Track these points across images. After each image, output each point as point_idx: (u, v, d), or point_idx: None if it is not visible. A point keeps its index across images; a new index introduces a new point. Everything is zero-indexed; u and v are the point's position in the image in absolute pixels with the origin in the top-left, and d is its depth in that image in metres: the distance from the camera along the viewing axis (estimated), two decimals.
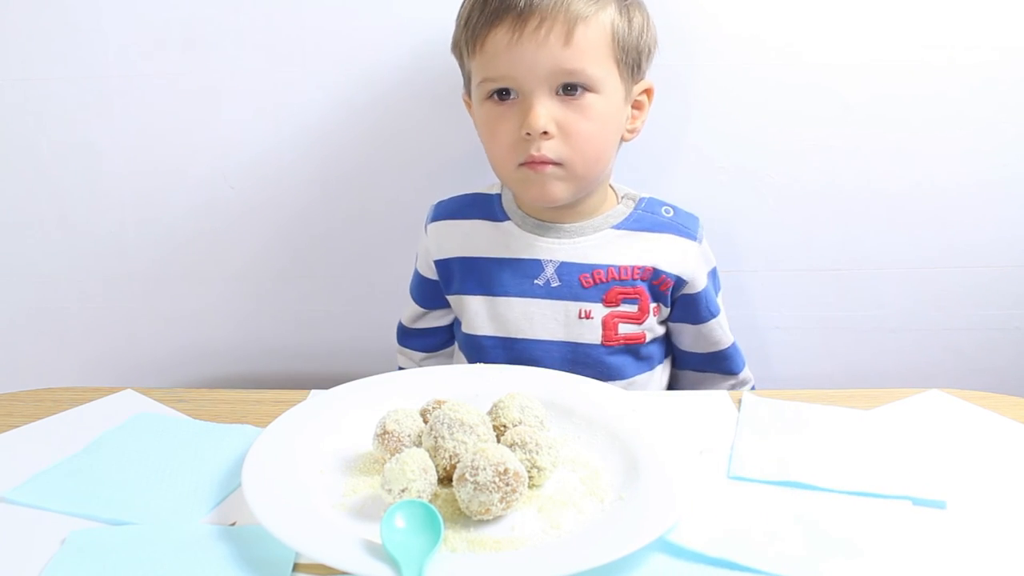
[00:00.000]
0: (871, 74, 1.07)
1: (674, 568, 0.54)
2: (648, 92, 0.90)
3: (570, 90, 0.81)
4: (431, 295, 1.02)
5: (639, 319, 0.91)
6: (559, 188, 0.86)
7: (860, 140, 1.10)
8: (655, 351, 0.95)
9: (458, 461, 0.61)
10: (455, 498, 0.60)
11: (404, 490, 0.59)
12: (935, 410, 0.77)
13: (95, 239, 1.21)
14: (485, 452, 0.59)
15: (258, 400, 0.81)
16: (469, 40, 0.83)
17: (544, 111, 0.81)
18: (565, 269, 0.90)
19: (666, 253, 0.90)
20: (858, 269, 1.18)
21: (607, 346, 0.90)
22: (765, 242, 1.16)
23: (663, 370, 0.98)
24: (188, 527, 0.59)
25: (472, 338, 0.94)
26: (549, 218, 0.92)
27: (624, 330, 0.90)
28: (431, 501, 0.60)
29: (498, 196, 0.96)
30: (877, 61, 1.06)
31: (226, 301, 1.24)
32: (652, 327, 0.92)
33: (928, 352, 1.23)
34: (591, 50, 0.81)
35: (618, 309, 0.90)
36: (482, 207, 0.96)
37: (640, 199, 0.94)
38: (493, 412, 0.69)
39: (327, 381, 0.81)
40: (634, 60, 0.85)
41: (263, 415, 0.75)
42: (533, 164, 0.83)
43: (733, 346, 0.97)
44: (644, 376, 0.94)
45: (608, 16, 0.81)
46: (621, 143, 0.90)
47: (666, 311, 0.93)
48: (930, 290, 1.19)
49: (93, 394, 0.81)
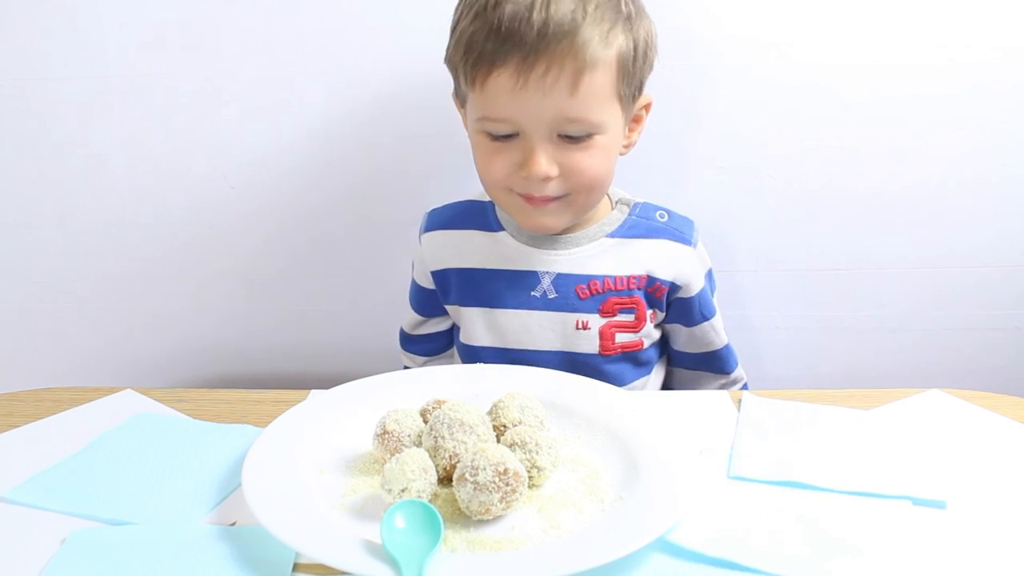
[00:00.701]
0: (871, 74, 1.07)
1: (674, 568, 0.54)
2: (647, 106, 0.87)
3: (574, 134, 0.78)
4: (429, 304, 1.01)
5: (636, 328, 0.90)
6: (558, 219, 0.85)
7: (860, 140, 1.10)
8: (652, 355, 0.95)
9: (458, 461, 0.61)
10: (455, 498, 0.60)
11: (404, 490, 0.59)
12: (935, 410, 0.77)
13: (94, 239, 1.21)
14: (485, 452, 0.59)
15: (258, 400, 0.81)
16: (468, 73, 0.78)
17: (546, 157, 0.78)
18: (562, 280, 0.89)
19: (661, 259, 0.89)
20: (858, 269, 1.18)
21: (604, 355, 0.90)
22: (765, 242, 1.16)
23: (659, 370, 0.98)
24: (188, 527, 0.59)
25: (470, 348, 0.94)
26: None
27: (621, 339, 0.90)
28: (431, 501, 0.60)
29: (491, 204, 0.94)
30: (877, 61, 1.06)
31: (226, 301, 1.24)
32: (649, 333, 0.92)
33: (928, 352, 1.23)
34: (597, 97, 0.77)
35: (615, 319, 0.89)
36: (476, 216, 0.94)
37: (634, 204, 0.92)
38: (493, 412, 0.69)
39: (327, 381, 0.81)
40: (637, 86, 0.82)
41: (263, 415, 0.74)
42: (532, 200, 0.82)
43: (726, 347, 0.97)
44: (641, 380, 0.94)
45: (616, 50, 0.77)
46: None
47: (662, 315, 0.93)
48: (930, 290, 1.19)
49: (93, 394, 0.81)
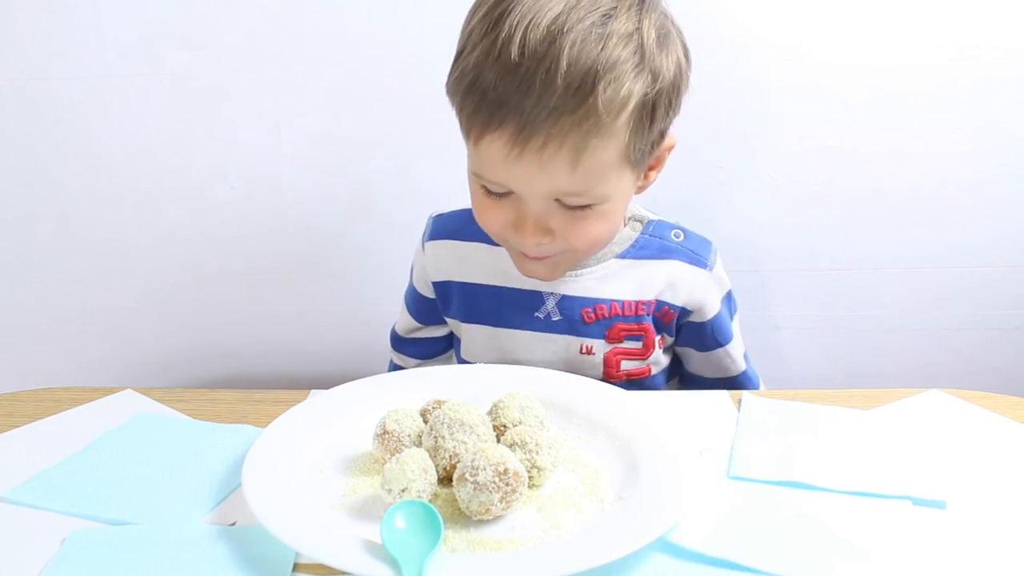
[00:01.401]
0: (871, 74, 1.07)
1: (674, 568, 0.54)
2: (670, 148, 0.77)
3: (573, 205, 0.72)
4: (428, 312, 0.97)
5: (643, 355, 0.86)
6: (554, 271, 0.81)
7: (860, 140, 1.10)
8: (660, 381, 0.91)
9: (458, 461, 0.61)
10: (455, 498, 0.60)
11: (404, 490, 0.59)
12: (935, 410, 0.77)
13: (95, 239, 1.21)
14: (485, 452, 0.59)
15: (258, 400, 0.81)
16: (462, 122, 0.71)
17: (539, 227, 0.72)
18: (566, 303, 0.85)
19: (672, 281, 0.84)
20: (858, 269, 1.18)
21: (608, 382, 0.83)
22: (765, 242, 1.16)
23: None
24: (188, 527, 0.59)
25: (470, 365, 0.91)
26: None
27: (627, 366, 0.86)
28: (431, 501, 0.60)
29: None
30: (877, 61, 1.06)
31: (226, 301, 1.24)
32: (658, 360, 0.88)
33: (928, 352, 1.23)
34: (602, 170, 0.69)
35: (621, 346, 0.85)
36: (482, 229, 0.88)
37: (648, 222, 0.87)
38: (493, 412, 0.69)
39: (327, 381, 0.81)
40: (655, 139, 0.73)
41: (263, 415, 0.74)
42: (527, 255, 0.77)
43: (744, 374, 0.91)
44: None
45: (629, 112, 0.67)
46: None
47: (671, 339, 0.89)
48: (930, 290, 1.19)
49: (93, 394, 0.81)
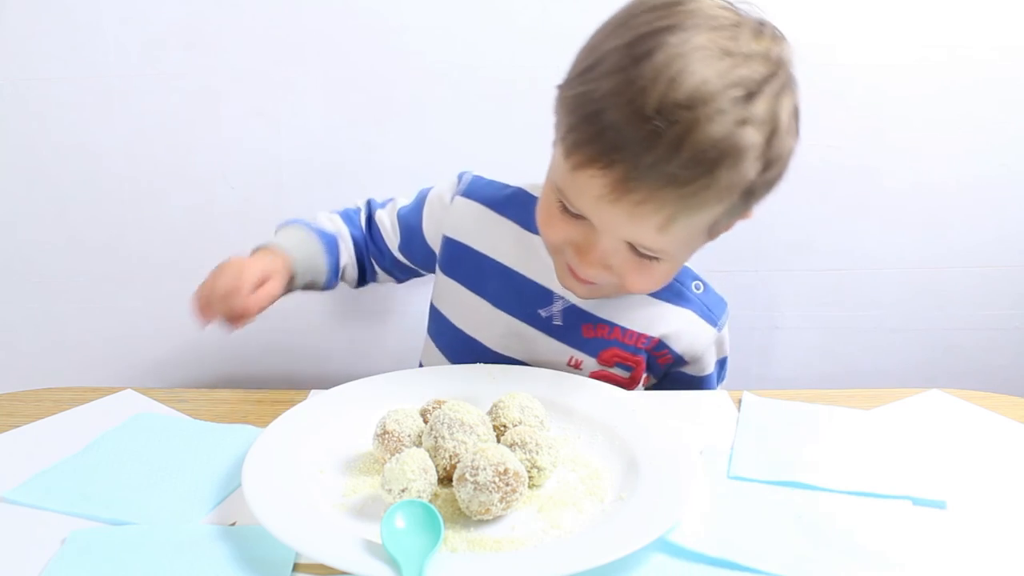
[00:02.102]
0: (871, 74, 1.07)
1: (674, 568, 0.54)
2: (746, 218, 0.73)
3: (644, 254, 0.70)
4: (420, 256, 0.93)
5: (628, 386, 0.85)
6: (592, 294, 0.80)
7: (860, 140, 1.10)
8: None
9: (458, 461, 0.61)
10: (455, 498, 0.60)
11: (404, 490, 0.59)
12: (935, 410, 0.77)
13: (95, 239, 1.21)
14: (485, 452, 0.59)
15: (258, 400, 0.81)
16: (565, 144, 0.66)
17: (601, 265, 0.71)
18: (572, 312, 0.84)
19: (680, 329, 0.84)
20: (858, 269, 1.18)
21: None
22: (765, 242, 1.16)
23: None
24: (188, 527, 0.59)
25: (461, 335, 0.89)
26: None
27: None
28: (431, 501, 0.60)
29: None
30: (877, 61, 1.06)
31: None
32: (638, 391, 0.88)
33: (928, 352, 1.23)
34: (688, 237, 0.69)
35: (610, 370, 0.85)
36: (519, 209, 0.86)
37: None
38: (493, 412, 0.69)
39: (327, 381, 0.81)
40: (740, 214, 0.71)
41: (263, 415, 0.74)
42: (575, 274, 0.75)
43: (711, 385, 0.91)
44: None
45: (734, 194, 0.65)
46: None
47: (654, 381, 0.89)
48: (930, 290, 1.19)
49: (93, 394, 0.81)
